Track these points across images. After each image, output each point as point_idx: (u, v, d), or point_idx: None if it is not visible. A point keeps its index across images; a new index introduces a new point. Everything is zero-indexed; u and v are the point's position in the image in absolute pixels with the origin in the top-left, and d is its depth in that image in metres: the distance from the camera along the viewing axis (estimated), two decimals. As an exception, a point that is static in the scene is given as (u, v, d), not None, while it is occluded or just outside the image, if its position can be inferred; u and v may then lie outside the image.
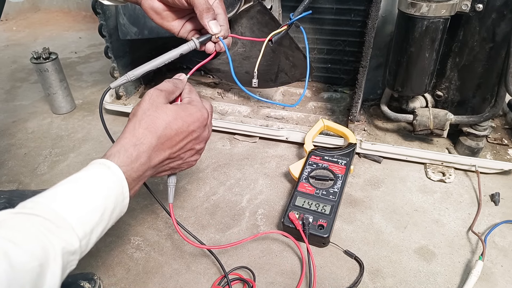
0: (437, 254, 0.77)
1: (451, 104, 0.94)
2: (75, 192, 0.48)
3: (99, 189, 0.49)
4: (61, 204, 0.46)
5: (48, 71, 1.16)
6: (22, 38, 1.95)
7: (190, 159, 0.64)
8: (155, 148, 0.56)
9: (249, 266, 0.75)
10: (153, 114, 0.57)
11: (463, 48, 0.86)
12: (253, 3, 0.94)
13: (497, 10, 0.78)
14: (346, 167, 0.88)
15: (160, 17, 0.71)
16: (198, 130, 0.62)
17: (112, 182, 0.51)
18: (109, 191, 0.50)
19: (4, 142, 1.13)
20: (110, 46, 1.10)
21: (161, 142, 0.57)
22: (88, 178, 0.50)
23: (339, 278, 0.73)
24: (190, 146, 0.62)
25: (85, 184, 0.49)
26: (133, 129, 0.56)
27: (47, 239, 0.41)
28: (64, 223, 0.44)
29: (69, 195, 0.48)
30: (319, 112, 1.13)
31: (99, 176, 0.51)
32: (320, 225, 0.76)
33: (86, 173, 0.51)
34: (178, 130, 0.58)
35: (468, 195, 0.90)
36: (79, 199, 0.47)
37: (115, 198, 0.51)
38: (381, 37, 0.99)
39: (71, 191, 0.48)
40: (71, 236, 0.44)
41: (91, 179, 0.50)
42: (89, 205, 0.48)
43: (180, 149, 0.60)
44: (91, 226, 0.47)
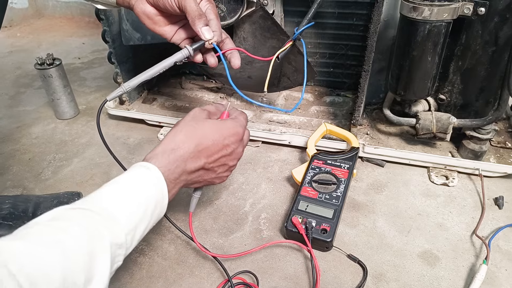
0: (440, 258, 0.76)
1: (454, 107, 0.94)
2: (120, 191, 0.52)
3: (141, 189, 0.53)
4: (107, 201, 0.50)
5: (52, 77, 1.17)
6: (26, 44, 1.97)
7: (222, 174, 0.67)
8: (192, 154, 0.60)
9: (252, 270, 0.75)
10: (194, 125, 0.62)
11: (465, 52, 0.86)
12: (255, 8, 0.94)
13: (500, 14, 0.78)
14: (349, 171, 0.88)
15: (152, 22, 0.71)
16: (233, 145, 0.65)
17: (152, 182, 0.55)
18: (150, 191, 0.54)
19: (9, 147, 1.14)
20: (113, 51, 1.10)
21: (198, 150, 0.60)
22: (130, 179, 0.55)
23: (342, 283, 0.72)
24: (224, 160, 0.65)
25: (128, 184, 0.54)
26: (173, 135, 0.60)
27: (96, 231, 0.46)
28: (111, 217, 0.48)
29: (114, 194, 0.52)
30: (322, 116, 1.13)
31: (140, 177, 0.55)
32: (323, 229, 0.76)
33: (128, 174, 0.55)
34: (215, 142, 0.62)
35: (471, 198, 0.89)
36: (123, 198, 0.52)
37: (156, 197, 0.55)
38: (383, 41, 0.99)
39: (116, 190, 0.52)
40: (118, 229, 0.48)
41: (133, 179, 0.55)
42: (133, 203, 0.52)
43: (214, 161, 0.63)
44: (135, 222, 0.51)
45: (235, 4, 0.93)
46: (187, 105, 1.21)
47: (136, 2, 0.70)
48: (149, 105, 1.22)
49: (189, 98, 1.25)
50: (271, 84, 1.10)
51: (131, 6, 0.72)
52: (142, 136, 1.16)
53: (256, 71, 1.07)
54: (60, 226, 0.44)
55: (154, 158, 0.57)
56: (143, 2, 0.70)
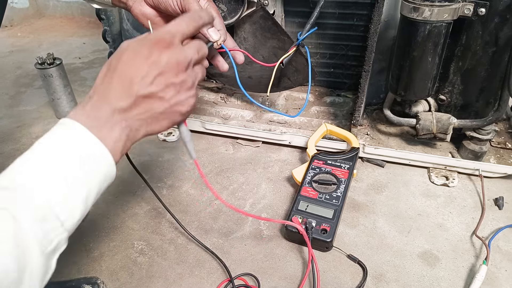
0: (440, 258, 0.76)
1: (454, 108, 0.94)
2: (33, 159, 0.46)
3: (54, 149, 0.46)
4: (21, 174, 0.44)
5: (53, 77, 1.17)
6: (26, 44, 1.97)
7: (177, 98, 0.50)
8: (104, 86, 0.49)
9: (252, 270, 0.75)
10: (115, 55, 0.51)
11: (466, 52, 0.86)
12: (256, 8, 0.94)
13: (500, 14, 0.78)
14: (349, 171, 0.88)
15: (152, 23, 0.69)
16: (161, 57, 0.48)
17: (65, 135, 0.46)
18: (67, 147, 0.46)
19: (9, 147, 1.14)
20: (114, 51, 1.10)
21: (109, 76, 0.49)
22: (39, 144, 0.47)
23: (342, 283, 0.72)
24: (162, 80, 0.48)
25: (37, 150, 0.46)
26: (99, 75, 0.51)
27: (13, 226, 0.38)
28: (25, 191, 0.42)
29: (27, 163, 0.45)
30: (322, 117, 1.13)
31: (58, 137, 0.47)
32: (323, 230, 0.76)
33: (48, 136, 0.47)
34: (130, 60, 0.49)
35: (471, 199, 0.89)
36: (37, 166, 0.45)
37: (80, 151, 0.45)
38: (384, 42, 0.99)
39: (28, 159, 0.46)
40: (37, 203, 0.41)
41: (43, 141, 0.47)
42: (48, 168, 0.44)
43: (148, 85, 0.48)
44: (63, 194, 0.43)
45: (236, 4, 0.93)
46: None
47: (134, 3, 0.69)
48: (149, 105, 1.22)
49: (189, 98, 1.25)
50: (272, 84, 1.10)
51: (128, 7, 0.70)
52: (142, 136, 1.16)
53: (257, 71, 1.07)
54: None
55: (75, 111, 0.48)
56: (141, 4, 0.68)
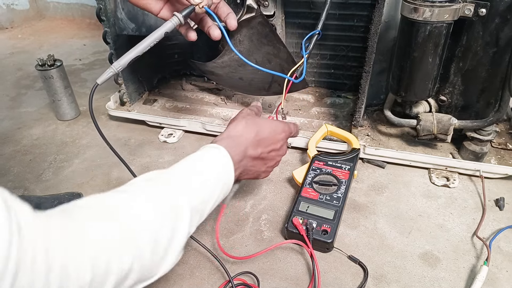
0: (441, 259, 0.76)
1: (454, 109, 0.94)
2: (193, 167, 0.58)
3: (212, 165, 0.59)
4: (183, 173, 0.56)
5: (53, 78, 1.17)
6: (27, 46, 1.97)
7: (269, 168, 0.72)
8: (252, 142, 0.66)
9: (252, 271, 0.75)
10: (251, 118, 0.69)
11: (466, 53, 0.86)
12: (255, 14, 0.94)
13: (501, 15, 0.78)
14: (350, 172, 0.88)
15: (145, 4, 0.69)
16: (282, 141, 0.72)
17: (220, 160, 0.60)
18: (219, 167, 0.59)
19: (10, 148, 1.14)
20: (114, 53, 1.10)
21: (257, 139, 0.66)
22: (202, 156, 0.60)
23: (343, 284, 0.72)
24: (274, 154, 0.71)
25: (200, 161, 0.59)
26: (235, 126, 0.66)
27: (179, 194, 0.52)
28: (188, 184, 0.54)
29: (188, 168, 0.57)
30: (323, 118, 1.13)
31: (210, 155, 0.60)
32: (324, 230, 0.76)
33: (200, 153, 0.61)
34: (270, 134, 0.69)
35: (472, 200, 0.89)
36: (197, 172, 0.57)
37: (224, 175, 0.60)
38: (384, 42, 0.99)
39: (189, 166, 0.58)
40: (195, 197, 0.54)
41: (205, 157, 0.60)
42: (205, 177, 0.57)
43: (268, 152, 0.69)
44: (207, 194, 0.56)
45: (235, 8, 0.93)
46: (188, 106, 1.21)
47: None
48: (150, 106, 1.22)
49: (190, 100, 1.25)
50: (261, 88, 1.10)
51: None
52: (143, 137, 1.16)
53: (248, 73, 1.07)
54: (153, 186, 0.51)
55: (222, 141, 0.63)
56: None
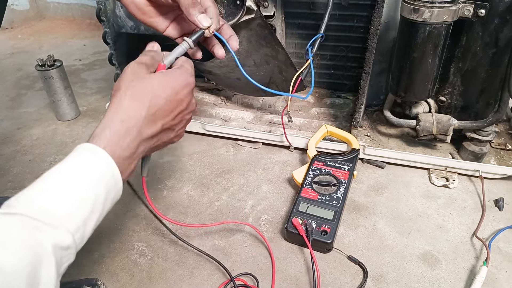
0: (441, 259, 0.76)
1: (454, 109, 0.94)
2: (60, 184, 0.44)
3: (85, 178, 0.45)
4: (46, 199, 0.42)
5: (53, 78, 1.17)
6: (27, 46, 1.97)
7: (180, 131, 0.61)
8: (146, 120, 0.52)
9: (252, 271, 0.75)
10: (138, 84, 0.53)
11: (466, 54, 0.86)
12: (254, 16, 0.94)
13: (500, 16, 0.78)
14: (350, 173, 0.88)
15: (142, 12, 0.67)
16: (187, 98, 0.58)
17: (99, 168, 0.47)
18: (97, 178, 0.46)
19: (9, 149, 1.14)
20: (114, 53, 1.10)
21: (151, 113, 0.53)
22: (72, 167, 0.46)
23: (342, 284, 0.72)
24: (180, 116, 0.58)
25: (69, 174, 0.45)
26: (119, 102, 0.52)
27: (35, 239, 0.39)
28: (52, 220, 0.41)
29: (54, 188, 0.44)
30: (322, 118, 1.13)
31: (84, 163, 0.46)
32: (323, 231, 0.76)
33: (69, 162, 0.47)
34: (168, 99, 0.55)
35: (472, 200, 0.89)
36: (65, 191, 0.44)
37: (106, 184, 0.47)
38: (384, 43, 1.00)
39: (55, 183, 0.44)
40: (62, 232, 0.41)
41: (76, 168, 0.46)
42: (77, 196, 0.44)
43: (172, 119, 0.56)
44: (83, 218, 0.44)
45: (234, 9, 0.93)
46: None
47: None
48: (149, 106, 1.22)
49: (189, 100, 1.25)
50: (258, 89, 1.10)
51: None
52: (142, 138, 1.16)
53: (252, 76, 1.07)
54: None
55: (101, 136, 0.48)
56: None
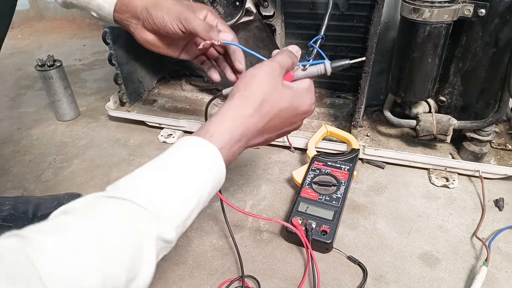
0: (441, 260, 0.76)
1: (454, 109, 0.94)
2: (170, 177, 0.45)
3: (196, 176, 0.46)
4: (156, 189, 0.43)
5: (53, 78, 1.17)
6: (27, 46, 1.97)
7: (276, 139, 0.61)
8: (259, 132, 0.54)
9: (252, 271, 0.75)
10: (271, 98, 0.53)
11: (466, 53, 0.86)
12: (253, 18, 0.94)
13: (500, 15, 0.78)
14: (349, 173, 0.88)
15: (156, 47, 0.70)
16: (300, 122, 0.60)
17: (210, 168, 0.48)
18: (207, 178, 0.47)
19: (9, 149, 1.14)
20: (114, 53, 1.10)
21: (265, 128, 0.54)
22: (184, 161, 0.46)
23: (342, 284, 0.72)
24: (283, 133, 0.59)
25: (181, 168, 0.46)
26: (244, 106, 0.52)
27: (141, 226, 0.40)
28: (160, 212, 0.42)
29: (163, 182, 0.44)
30: (322, 118, 1.13)
31: (197, 160, 0.47)
32: (323, 231, 0.76)
33: (181, 153, 0.47)
34: (286, 120, 0.56)
35: (472, 200, 0.89)
36: (175, 186, 0.44)
37: (213, 185, 0.48)
38: (384, 43, 1.00)
39: (164, 177, 0.45)
40: (167, 226, 0.42)
41: (188, 162, 0.46)
42: (186, 193, 0.45)
43: (277, 135, 0.58)
44: (186, 215, 0.45)
45: (233, 9, 0.93)
46: (187, 106, 1.21)
47: (135, 29, 0.69)
48: (149, 106, 1.22)
49: (189, 100, 1.25)
50: None
51: (131, 33, 0.71)
52: (142, 138, 1.16)
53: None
54: (97, 217, 0.38)
55: (216, 136, 0.49)
56: (143, 31, 0.69)
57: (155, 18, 0.65)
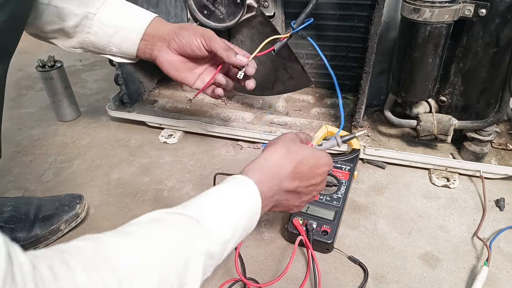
0: (442, 260, 0.76)
1: (455, 109, 0.94)
2: (220, 204, 0.52)
3: (239, 204, 0.53)
4: (207, 211, 0.50)
5: (53, 79, 1.17)
6: (27, 46, 1.97)
7: (303, 202, 0.65)
8: (290, 174, 0.59)
9: (253, 271, 0.75)
10: (293, 146, 0.62)
11: (466, 53, 0.86)
12: (255, 13, 0.94)
13: (501, 15, 0.78)
14: (350, 173, 0.88)
15: (175, 69, 0.77)
16: (323, 175, 0.65)
17: (249, 199, 0.55)
18: (246, 206, 0.54)
19: (10, 149, 1.14)
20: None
21: (295, 172, 0.59)
22: (230, 193, 0.55)
23: (343, 284, 0.72)
24: (311, 188, 0.63)
25: (227, 198, 0.54)
26: (273, 153, 0.60)
27: (194, 238, 0.46)
28: (209, 227, 0.48)
29: (215, 205, 0.52)
30: (323, 118, 1.13)
31: (239, 192, 0.55)
32: (324, 231, 0.76)
33: (229, 187, 0.55)
34: (311, 168, 0.62)
35: (472, 200, 0.89)
36: (222, 211, 0.51)
37: (250, 214, 0.54)
38: (384, 43, 0.99)
39: (216, 202, 0.53)
40: (213, 240, 0.48)
41: (233, 194, 0.54)
42: (230, 217, 0.52)
43: (306, 187, 0.62)
44: (229, 236, 0.50)
45: (235, 8, 0.93)
46: (188, 107, 1.21)
47: (159, 52, 0.75)
48: (150, 107, 1.22)
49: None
50: (265, 88, 1.11)
51: (153, 58, 0.76)
52: (143, 138, 1.16)
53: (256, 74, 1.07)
54: (160, 229, 0.45)
55: (254, 172, 0.57)
56: (167, 52, 0.75)
57: (182, 36, 0.73)
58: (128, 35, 0.74)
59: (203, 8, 0.95)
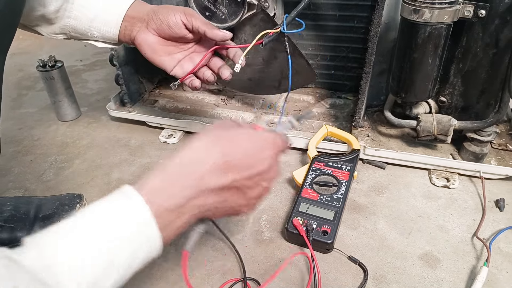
0: (441, 260, 0.76)
1: (454, 109, 0.94)
2: (77, 235, 0.39)
3: (107, 231, 0.39)
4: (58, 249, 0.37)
5: (54, 79, 1.18)
6: (28, 47, 1.97)
7: (252, 200, 0.51)
8: (215, 166, 0.44)
9: (253, 272, 0.75)
10: (220, 131, 0.48)
11: (466, 54, 0.86)
12: (256, 11, 0.94)
13: (500, 16, 0.78)
14: (350, 173, 0.88)
15: (152, 51, 0.73)
16: (270, 160, 0.49)
17: (127, 219, 0.40)
18: (121, 232, 0.39)
19: (11, 149, 1.14)
20: (115, 54, 1.11)
21: (224, 162, 0.44)
22: (99, 214, 0.40)
23: (343, 284, 0.72)
24: (258, 179, 0.49)
25: (91, 225, 0.39)
26: (196, 141, 0.46)
27: None
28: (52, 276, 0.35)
29: (69, 239, 0.38)
30: (323, 118, 1.13)
31: (113, 212, 0.40)
32: (324, 231, 0.76)
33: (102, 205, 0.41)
34: (250, 154, 0.47)
35: (472, 201, 0.89)
36: (80, 244, 0.38)
37: (133, 241, 0.40)
38: (384, 44, 1.00)
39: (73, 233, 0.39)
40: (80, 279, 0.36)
41: (102, 216, 0.40)
42: (91, 253, 0.37)
43: (247, 178, 0.47)
44: (91, 279, 0.37)
45: (236, 7, 0.93)
46: (188, 107, 1.21)
47: (138, 33, 0.72)
48: (150, 107, 1.22)
49: (190, 100, 1.25)
50: (271, 86, 1.11)
51: (132, 38, 0.73)
52: (143, 138, 1.16)
53: (256, 73, 1.07)
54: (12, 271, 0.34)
55: (147, 178, 0.42)
56: (145, 32, 0.72)
57: (160, 13, 0.70)
58: (109, 18, 0.72)
59: (204, 10, 0.95)
